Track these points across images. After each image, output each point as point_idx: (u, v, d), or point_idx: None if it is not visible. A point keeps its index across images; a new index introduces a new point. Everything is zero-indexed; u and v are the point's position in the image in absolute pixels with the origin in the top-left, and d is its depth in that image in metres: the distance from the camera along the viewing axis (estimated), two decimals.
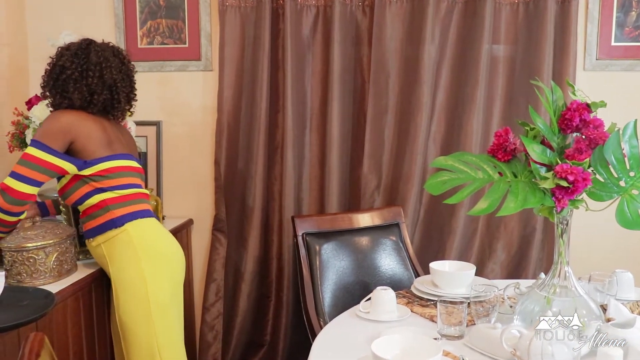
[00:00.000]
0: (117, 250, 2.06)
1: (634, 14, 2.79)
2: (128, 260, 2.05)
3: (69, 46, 2.14)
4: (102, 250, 2.08)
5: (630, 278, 2.05)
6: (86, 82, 2.07)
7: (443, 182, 1.71)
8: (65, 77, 2.07)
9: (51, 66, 2.11)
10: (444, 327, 1.74)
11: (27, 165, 1.95)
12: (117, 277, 2.06)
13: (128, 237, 2.05)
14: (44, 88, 2.13)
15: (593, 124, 1.60)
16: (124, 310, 2.05)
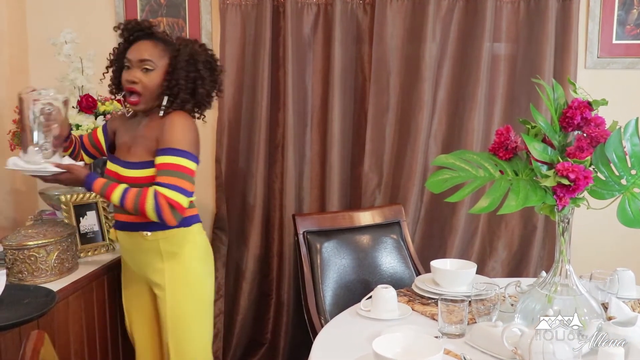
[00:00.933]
0: (180, 248, 2.05)
1: (635, 12, 2.78)
2: (191, 259, 2.07)
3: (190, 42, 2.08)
4: (157, 246, 2.03)
5: (631, 276, 2.05)
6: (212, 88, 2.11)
7: (444, 181, 1.71)
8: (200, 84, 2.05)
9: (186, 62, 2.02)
10: (445, 325, 1.74)
11: (188, 179, 1.94)
12: (175, 274, 2.04)
13: (193, 237, 2.08)
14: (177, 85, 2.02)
15: (594, 122, 1.60)
16: (182, 307, 2.05)
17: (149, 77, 2.00)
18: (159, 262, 2.04)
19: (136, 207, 1.90)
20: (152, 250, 2.04)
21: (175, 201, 1.89)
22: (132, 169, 2.00)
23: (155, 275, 2.06)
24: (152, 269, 2.06)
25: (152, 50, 2.02)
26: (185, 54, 2.01)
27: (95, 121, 2.51)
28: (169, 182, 1.90)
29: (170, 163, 1.92)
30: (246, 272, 2.94)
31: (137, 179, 1.97)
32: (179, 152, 1.93)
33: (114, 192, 1.93)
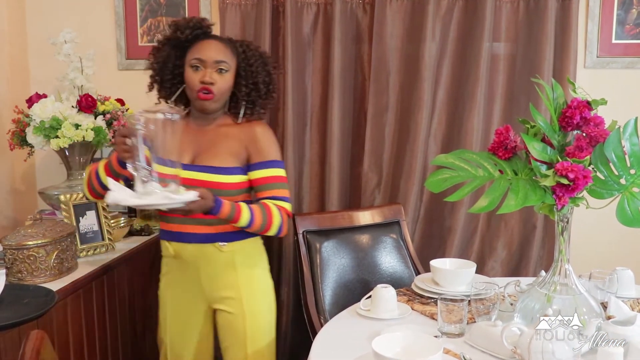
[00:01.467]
0: (253, 258, 2.05)
1: (635, 12, 2.78)
2: (263, 269, 2.09)
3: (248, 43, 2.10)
4: (232, 257, 1.99)
5: (630, 275, 2.05)
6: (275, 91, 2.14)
7: (443, 180, 1.71)
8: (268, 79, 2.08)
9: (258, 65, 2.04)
10: (445, 325, 1.74)
11: (288, 187, 2.02)
12: (252, 285, 2.03)
13: (260, 246, 2.10)
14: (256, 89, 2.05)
15: (594, 121, 1.60)
16: (260, 318, 2.04)
17: (224, 78, 1.98)
18: (231, 275, 2.00)
19: (264, 225, 1.92)
20: (226, 262, 1.99)
21: (290, 212, 1.98)
22: (223, 174, 1.94)
23: (228, 289, 2.00)
24: (224, 282, 2.00)
25: (225, 51, 1.99)
26: (255, 56, 2.03)
27: (95, 121, 2.50)
28: (282, 195, 1.96)
29: (276, 176, 1.97)
30: None
31: (227, 185, 1.94)
32: (277, 163, 2.00)
33: (242, 215, 1.88)
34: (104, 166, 1.95)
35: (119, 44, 2.99)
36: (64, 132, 2.40)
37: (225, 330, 2.05)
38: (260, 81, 2.03)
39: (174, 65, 2.03)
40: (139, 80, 3.01)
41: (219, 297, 2.02)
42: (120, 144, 1.77)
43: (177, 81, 2.04)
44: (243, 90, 2.01)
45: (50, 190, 2.57)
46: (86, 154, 2.59)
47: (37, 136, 2.44)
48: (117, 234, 2.52)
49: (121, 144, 1.76)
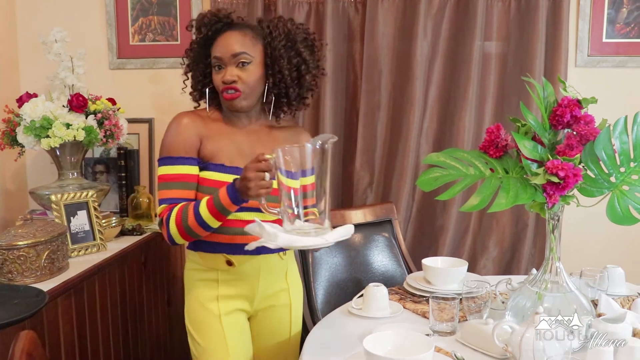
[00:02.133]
0: (294, 263, 2.05)
1: (625, 11, 2.79)
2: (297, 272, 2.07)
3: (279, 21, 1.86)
4: (286, 265, 1.97)
5: (621, 273, 2.06)
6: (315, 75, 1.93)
7: (435, 179, 1.71)
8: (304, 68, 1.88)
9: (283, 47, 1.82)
10: (436, 323, 1.75)
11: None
12: (297, 290, 2.02)
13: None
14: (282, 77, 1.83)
15: (584, 120, 1.60)
16: (300, 321, 2.04)
17: (248, 71, 1.80)
18: (283, 283, 1.97)
19: None
20: (281, 270, 1.96)
21: None
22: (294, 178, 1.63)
23: (278, 296, 1.96)
24: (277, 290, 1.96)
25: (242, 41, 1.81)
26: (279, 37, 1.80)
27: (86, 120, 2.49)
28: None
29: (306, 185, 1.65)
30: None
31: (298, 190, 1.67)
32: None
33: None
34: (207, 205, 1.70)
35: (110, 43, 2.98)
36: (55, 131, 2.39)
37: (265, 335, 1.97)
38: (284, 66, 1.81)
39: (204, 65, 1.90)
40: (130, 79, 3.01)
41: (266, 305, 1.95)
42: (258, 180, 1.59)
43: (207, 81, 1.91)
44: (270, 81, 1.82)
45: (41, 190, 2.56)
46: (77, 153, 2.58)
47: (27, 136, 2.43)
48: (109, 233, 2.51)
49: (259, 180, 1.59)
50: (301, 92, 1.90)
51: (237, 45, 1.81)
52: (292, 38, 1.83)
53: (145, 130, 3.02)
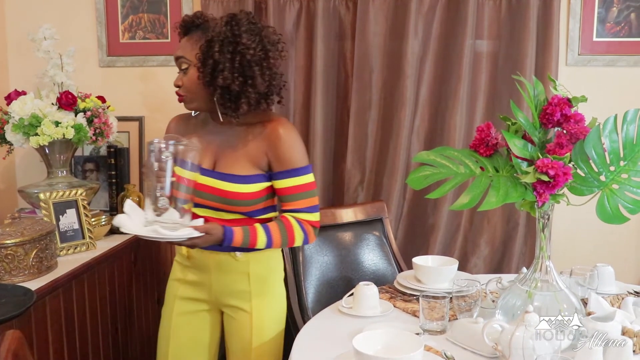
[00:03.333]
0: (268, 270, 1.95)
1: (615, 10, 2.80)
2: (275, 281, 1.99)
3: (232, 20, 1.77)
4: (247, 267, 1.90)
5: (611, 272, 2.07)
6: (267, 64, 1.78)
7: (425, 177, 1.71)
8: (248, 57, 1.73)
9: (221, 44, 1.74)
10: (426, 322, 1.75)
11: (315, 193, 1.87)
12: (262, 297, 1.93)
13: (279, 257, 2.00)
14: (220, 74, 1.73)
15: (574, 118, 1.61)
16: (267, 330, 1.94)
17: (187, 76, 1.81)
18: (245, 284, 1.91)
19: (285, 242, 1.82)
20: (240, 271, 1.91)
21: (315, 222, 1.86)
22: (239, 183, 1.81)
23: (239, 298, 1.93)
24: (236, 291, 1.93)
25: (184, 45, 1.82)
26: (216, 32, 1.74)
27: (75, 118, 2.48)
28: (305, 206, 1.83)
29: (299, 185, 1.82)
30: None
31: (244, 195, 1.81)
32: (301, 170, 1.83)
33: (258, 238, 1.79)
34: None
35: (100, 40, 2.97)
36: (44, 129, 2.37)
37: (231, 336, 1.98)
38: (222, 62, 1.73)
39: None
40: (120, 77, 3.00)
41: (229, 304, 1.95)
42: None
43: None
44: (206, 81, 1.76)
45: (30, 189, 2.54)
46: (66, 151, 2.56)
47: (16, 134, 2.41)
48: (98, 232, 2.50)
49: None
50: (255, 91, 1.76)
51: (179, 50, 1.83)
52: (235, 32, 1.74)
53: (136, 128, 3.00)
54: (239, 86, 1.74)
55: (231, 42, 1.73)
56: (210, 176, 1.83)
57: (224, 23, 1.76)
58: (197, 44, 1.78)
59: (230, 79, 1.73)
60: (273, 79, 1.79)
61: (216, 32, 1.74)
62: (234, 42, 1.73)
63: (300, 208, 1.83)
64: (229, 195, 1.80)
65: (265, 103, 1.81)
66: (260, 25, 1.80)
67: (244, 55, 1.72)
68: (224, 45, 1.73)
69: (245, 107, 1.77)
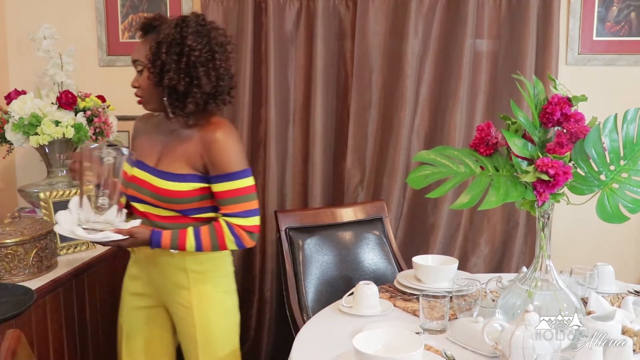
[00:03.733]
0: (206, 264, 1.92)
1: (615, 9, 2.80)
2: (219, 275, 1.95)
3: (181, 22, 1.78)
4: (183, 264, 1.89)
5: (610, 271, 2.07)
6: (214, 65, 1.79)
7: (425, 176, 1.71)
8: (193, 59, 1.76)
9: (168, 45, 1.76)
10: (426, 321, 1.75)
11: (252, 197, 1.82)
12: (203, 292, 1.91)
13: (220, 254, 1.95)
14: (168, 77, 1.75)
15: (574, 117, 1.60)
16: (211, 325, 1.93)
17: (142, 77, 1.83)
18: (183, 280, 1.91)
19: (216, 246, 1.81)
20: (178, 267, 1.90)
21: (252, 226, 1.83)
22: (172, 180, 1.82)
23: (179, 294, 1.92)
24: (176, 287, 1.92)
25: (139, 47, 1.84)
26: (164, 34, 1.76)
27: (75, 117, 2.48)
28: (238, 211, 1.81)
29: (232, 190, 1.81)
30: None
31: (174, 193, 1.82)
32: (239, 174, 1.81)
33: (187, 242, 1.80)
34: None
35: (100, 40, 2.97)
36: (44, 129, 2.38)
37: (179, 334, 2.00)
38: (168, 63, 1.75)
39: None
40: (120, 76, 3.00)
41: (170, 300, 1.95)
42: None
43: None
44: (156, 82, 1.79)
45: (30, 188, 2.54)
46: (66, 151, 2.56)
47: (16, 133, 2.41)
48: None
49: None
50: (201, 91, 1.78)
51: (134, 53, 1.85)
52: (182, 34, 1.76)
53: None
54: (185, 87, 1.76)
55: (178, 43, 1.75)
56: (150, 173, 1.86)
57: (173, 25, 1.78)
58: (149, 46, 1.81)
59: (176, 80, 1.75)
60: (221, 80, 1.81)
61: (165, 34, 1.77)
62: (181, 43, 1.75)
63: (233, 212, 1.81)
64: (161, 192, 1.83)
65: (214, 103, 1.83)
66: (209, 26, 1.81)
67: (189, 57, 1.75)
68: (171, 46, 1.75)
69: (192, 107, 1.79)
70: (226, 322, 1.99)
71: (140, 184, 1.86)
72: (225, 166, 1.80)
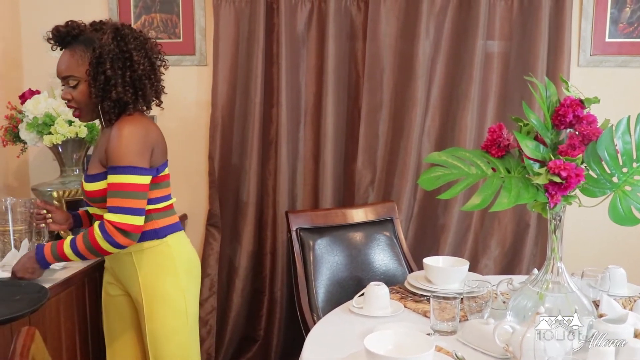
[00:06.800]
0: (153, 261, 1.93)
1: (628, 10, 2.79)
2: (167, 273, 1.94)
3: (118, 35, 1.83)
4: (131, 259, 1.92)
5: (622, 274, 2.06)
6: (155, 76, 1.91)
7: (436, 178, 1.71)
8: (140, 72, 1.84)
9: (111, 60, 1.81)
10: (437, 322, 1.75)
11: (135, 196, 1.78)
12: (151, 288, 1.93)
13: (168, 249, 1.94)
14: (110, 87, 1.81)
15: (586, 120, 1.60)
16: (161, 322, 1.93)
17: (77, 90, 1.84)
18: (134, 275, 1.94)
19: (90, 247, 1.78)
20: (128, 262, 1.94)
21: (125, 224, 1.76)
22: (88, 181, 1.90)
23: (133, 288, 1.96)
24: (130, 281, 1.96)
25: (69, 62, 1.84)
26: (105, 49, 1.79)
27: None
28: (115, 205, 1.77)
29: (114, 183, 1.78)
30: (239, 268, 2.94)
31: (93, 193, 1.87)
32: (122, 169, 1.78)
33: (64, 247, 1.81)
34: None
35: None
36: (57, 128, 2.40)
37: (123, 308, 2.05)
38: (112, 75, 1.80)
39: None
40: None
41: (128, 291, 2.00)
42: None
43: None
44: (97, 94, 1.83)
45: (44, 187, 2.56)
46: (79, 150, 2.58)
47: (30, 132, 2.43)
48: None
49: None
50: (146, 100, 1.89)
51: (64, 68, 1.86)
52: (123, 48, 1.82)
53: None
54: (131, 97, 1.84)
55: (120, 58, 1.81)
56: (84, 178, 1.95)
57: (110, 39, 1.81)
58: (83, 59, 1.83)
59: (123, 93, 1.82)
60: (160, 88, 1.93)
61: (105, 50, 1.80)
62: (123, 57, 1.81)
63: (109, 206, 1.79)
64: (88, 194, 1.91)
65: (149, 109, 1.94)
66: (143, 37, 1.88)
67: (135, 71, 1.83)
68: (114, 61, 1.81)
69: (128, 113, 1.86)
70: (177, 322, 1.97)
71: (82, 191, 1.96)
72: (115, 158, 1.79)
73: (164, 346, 1.95)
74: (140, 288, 1.94)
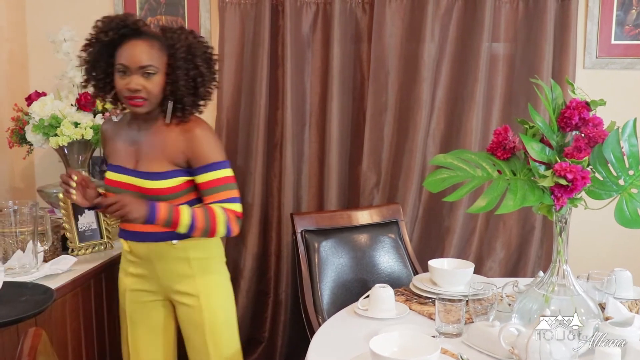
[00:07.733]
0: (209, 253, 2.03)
1: (634, 12, 2.78)
2: (219, 264, 2.08)
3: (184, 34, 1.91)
4: (186, 254, 1.97)
5: (629, 277, 2.05)
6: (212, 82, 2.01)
7: (442, 180, 1.71)
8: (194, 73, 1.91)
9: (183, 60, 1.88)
10: (442, 325, 1.75)
11: (235, 186, 1.94)
12: (208, 280, 2.01)
13: (217, 241, 2.07)
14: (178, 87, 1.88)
15: (592, 122, 1.60)
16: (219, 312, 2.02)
17: (153, 81, 1.85)
18: (187, 270, 1.98)
19: (208, 227, 1.85)
20: (180, 258, 1.97)
21: (238, 212, 1.92)
22: (157, 179, 1.89)
23: (184, 284, 1.98)
24: (180, 277, 1.98)
25: (150, 52, 1.85)
26: (182, 51, 1.86)
27: (94, 119, 2.50)
28: (227, 197, 1.90)
29: (219, 178, 1.91)
30: (244, 270, 2.94)
31: (162, 191, 1.89)
32: (222, 164, 1.92)
33: (181, 217, 1.83)
34: None
35: None
36: (63, 130, 2.40)
37: (184, 323, 2.04)
38: (182, 77, 1.87)
39: (106, 64, 1.91)
40: None
41: (176, 290, 2.00)
42: None
43: (109, 80, 1.93)
44: (168, 89, 1.88)
45: (49, 189, 2.57)
46: (85, 152, 2.59)
47: (36, 134, 2.44)
48: (116, 232, 2.52)
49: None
50: (196, 100, 1.95)
51: (145, 57, 1.85)
52: (193, 52, 1.89)
53: None
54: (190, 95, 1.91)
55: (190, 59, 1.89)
56: (133, 175, 1.93)
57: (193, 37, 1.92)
58: (162, 52, 1.88)
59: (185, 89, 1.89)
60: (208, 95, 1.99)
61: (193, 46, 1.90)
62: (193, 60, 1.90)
63: (221, 199, 1.89)
64: (149, 192, 1.90)
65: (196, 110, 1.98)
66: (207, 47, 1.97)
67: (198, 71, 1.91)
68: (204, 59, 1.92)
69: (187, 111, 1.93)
70: (230, 307, 2.07)
71: (125, 188, 1.92)
72: (208, 157, 1.90)
73: (223, 334, 2.03)
74: (195, 281, 1.99)
